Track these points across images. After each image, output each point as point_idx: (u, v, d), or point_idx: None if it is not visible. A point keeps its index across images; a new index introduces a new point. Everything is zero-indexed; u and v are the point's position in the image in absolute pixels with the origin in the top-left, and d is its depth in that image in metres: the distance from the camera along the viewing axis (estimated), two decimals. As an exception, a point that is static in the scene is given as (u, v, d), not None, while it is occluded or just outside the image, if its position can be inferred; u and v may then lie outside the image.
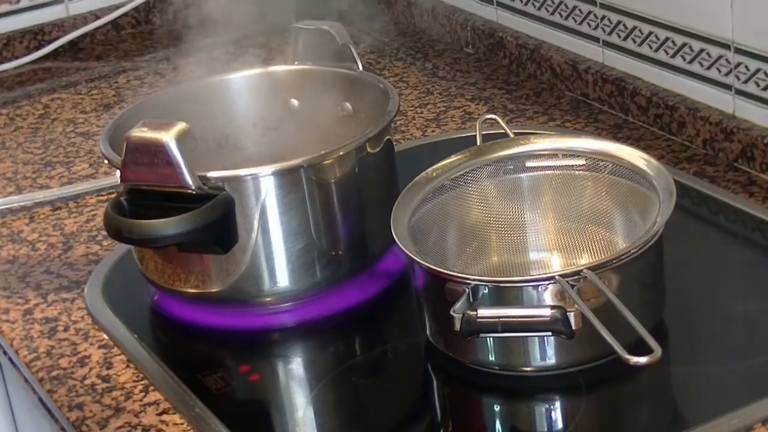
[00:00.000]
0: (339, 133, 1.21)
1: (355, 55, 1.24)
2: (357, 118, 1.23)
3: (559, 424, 1.02)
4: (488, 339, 1.00)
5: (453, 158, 1.14)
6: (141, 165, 1.04)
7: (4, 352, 1.20)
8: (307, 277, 1.12)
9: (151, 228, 1.04)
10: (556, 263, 1.13)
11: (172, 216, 1.03)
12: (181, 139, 1.03)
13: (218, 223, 1.05)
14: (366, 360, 1.11)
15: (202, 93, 1.28)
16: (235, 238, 1.07)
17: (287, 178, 1.09)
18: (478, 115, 1.48)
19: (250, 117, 1.29)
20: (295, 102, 1.28)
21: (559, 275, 0.97)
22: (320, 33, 1.28)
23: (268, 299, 1.13)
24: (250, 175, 1.09)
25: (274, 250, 1.10)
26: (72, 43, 1.89)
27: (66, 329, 1.18)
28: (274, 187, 1.08)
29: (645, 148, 1.29)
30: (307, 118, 1.27)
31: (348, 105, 1.25)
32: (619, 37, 1.45)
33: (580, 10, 1.50)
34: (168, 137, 1.03)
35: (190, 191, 1.05)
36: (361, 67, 1.25)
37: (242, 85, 1.30)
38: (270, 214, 1.09)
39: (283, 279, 1.11)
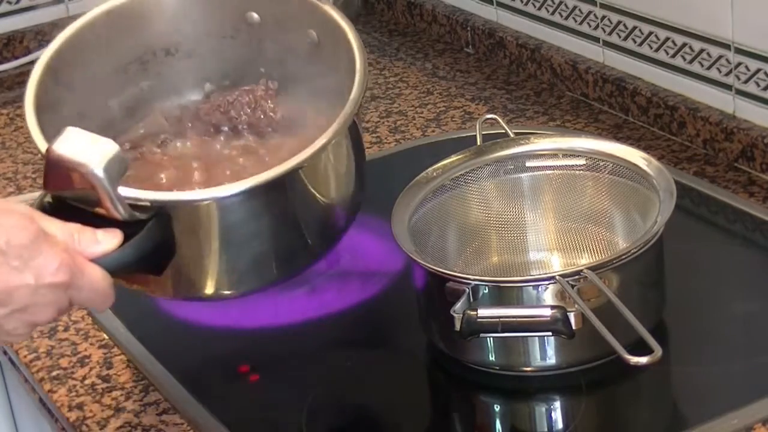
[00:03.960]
0: (300, 66, 1.09)
1: None
2: (323, 54, 1.08)
3: (559, 424, 1.02)
4: (488, 339, 1.00)
5: (453, 158, 1.14)
6: (65, 179, 0.90)
7: (5, 352, 1.20)
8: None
9: None
10: (556, 263, 1.13)
11: (100, 226, 0.90)
12: (109, 167, 0.87)
13: (151, 251, 0.92)
14: (366, 360, 1.11)
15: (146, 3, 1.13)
16: (168, 259, 0.94)
17: (235, 202, 0.95)
18: (479, 115, 1.48)
19: (201, 24, 1.14)
20: (255, 15, 1.12)
21: (560, 275, 0.96)
22: None
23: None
24: (192, 200, 0.95)
25: (229, 256, 0.98)
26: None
27: (66, 329, 1.18)
28: (217, 212, 0.95)
29: (645, 148, 1.29)
30: (268, 36, 1.12)
31: (313, 34, 1.09)
32: (620, 37, 1.45)
33: (580, 10, 1.50)
34: (94, 164, 0.87)
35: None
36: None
37: None
38: (218, 230, 0.96)
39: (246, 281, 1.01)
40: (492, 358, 1.02)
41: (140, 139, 1.11)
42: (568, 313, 0.95)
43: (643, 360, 0.90)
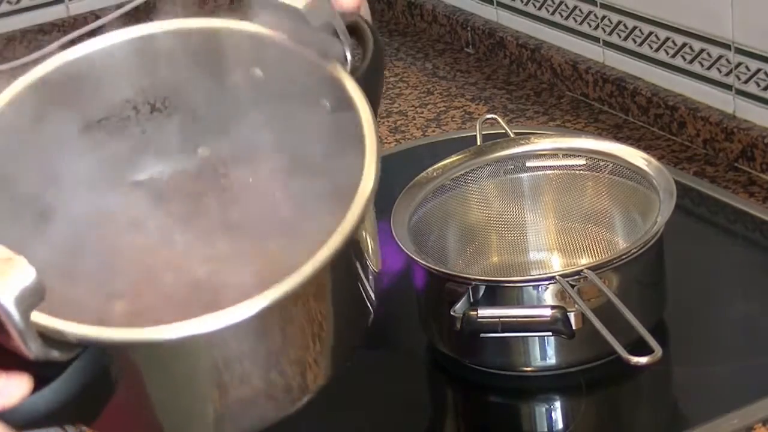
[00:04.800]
0: (308, 140, 0.84)
1: (343, 38, 0.81)
2: (338, 121, 0.84)
3: (559, 424, 1.02)
4: (488, 339, 1.00)
5: (453, 158, 1.14)
6: None
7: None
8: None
9: None
10: (556, 263, 1.13)
11: (9, 365, 0.69)
12: (22, 298, 0.67)
13: (78, 396, 0.70)
14: (366, 360, 1.10)
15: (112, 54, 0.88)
16: (101, 407, 0.72)
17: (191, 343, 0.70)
18: (479, 115, 1.48)
19: (195, 76, 0.87)
20: (258, 71, 0.86)
21: (560, 275, 0.97)
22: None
23: None
24: (136, 341, 0.69)
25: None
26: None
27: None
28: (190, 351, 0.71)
29: (645, 148, 1.29)
30: (273, 98, 0.86)
31: (326, 102, 0.85)
32: (620, 37, 1.45)
33: (580, 10, 1.50)
34: (3, 295, 0.67)
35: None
36: (350, 58, 0.82)
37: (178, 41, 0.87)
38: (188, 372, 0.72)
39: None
40: (492, 358, 1.02)
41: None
42: (568, 313, 0.95)
43: (643, 360, 0.90)
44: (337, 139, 0.80)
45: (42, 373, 0.68)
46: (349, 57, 0.81)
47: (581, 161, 1.13)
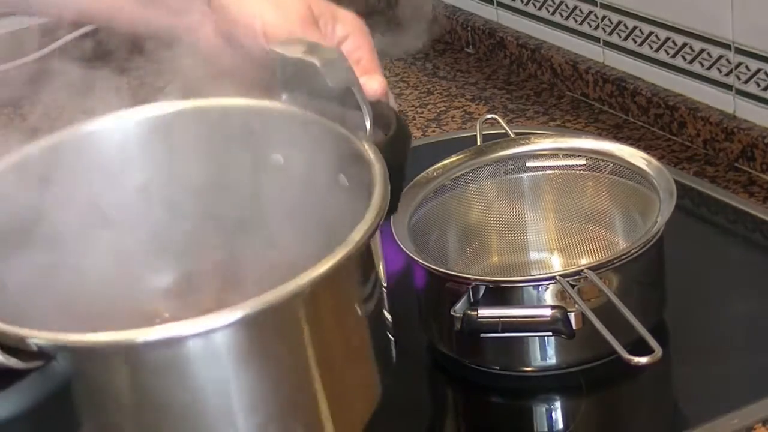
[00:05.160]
0: (329, 215, 0.80)
1: (362, 104, 0.77)
2: (355, 194, 0.79)
3: (560, 424, 1.02)
4: (489, 339, 1.00)
5: (453, 158, 1.14)
6: None
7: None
8: None
9: None
10: (556, 263, 1.13)
11: None
12: None
13: (31, 410, 0.63)
14: (366, 360, 1.10)
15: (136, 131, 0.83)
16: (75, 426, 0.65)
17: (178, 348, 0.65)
18: (479, 115, 1.48)
19: (209, 165, 0.83)
20: (278, 155, 0.82)
21: (560, 275, 0.97)
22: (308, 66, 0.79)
23: None
24: (108, 344, 0.64)
25: None
26: (72, 43, 1.89)
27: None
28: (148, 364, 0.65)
29: (645, 148, 1.28)
30: (293, 179, 0.82)
31: (343, 178, 0.80)
32: (620, 37, 1.45)
33: (580, 10, 1.50)
34: None
35: None
36: (369, 126, 0.78)
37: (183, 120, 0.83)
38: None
39: None
40: (492, 358, 1.02)
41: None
42: (568, 313, 0.95)
43: (643, 360, 0.89)
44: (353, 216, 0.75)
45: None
46: (368, 125, 0.77)
47: (581, 161, 1.13)
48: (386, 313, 0.78)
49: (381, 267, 0.78)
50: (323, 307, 0.69)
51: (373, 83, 0.81)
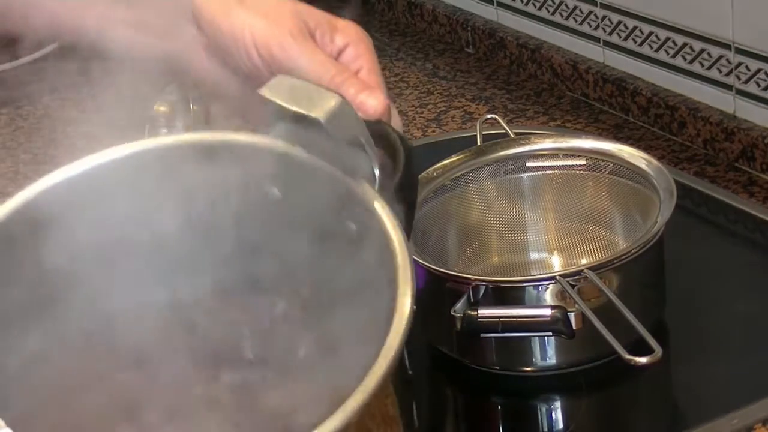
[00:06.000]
0: (335, 261, 0.73)
1: (371, 153, 0.70)
2: (363, 247, 0.72)
3: (560, 424, 1.02)
4: (489, 339, 1.00)
5: (453, 158, 1.14)
6: None
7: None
8: None
9: None
10: (556, 263, 1.13)
11: None
12: None
13: None
14: (366, 360, 1.10)
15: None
16: None
17: None
18: (479, 115, 1.48)
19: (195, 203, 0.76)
20: (275, 190, 0.75)
21: (560, 275, 0.97)
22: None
23: None
24: None
25: None
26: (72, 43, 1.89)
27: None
28: None
29: (645, 148, 1.28)
30: (296, 214, 0.73)
31: (352, 226, 0.73)
32: (620, 37, 1.45)
33: (580, 10, 1.50)
34: None
35: None
36: (378, 174, 0.70)
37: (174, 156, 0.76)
38: None
39: None
40: (492, 358, 1.02)
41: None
42: (568, 313, 0.95)
43: (643, 360, 0.89)
44: (364, 267, 0.69)
45: None
46: (377, 173, 0.70)
47: (581, 161, 1.13)
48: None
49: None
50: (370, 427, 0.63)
51: (371, 101, 0.73)
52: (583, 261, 1.11)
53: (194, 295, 0.74)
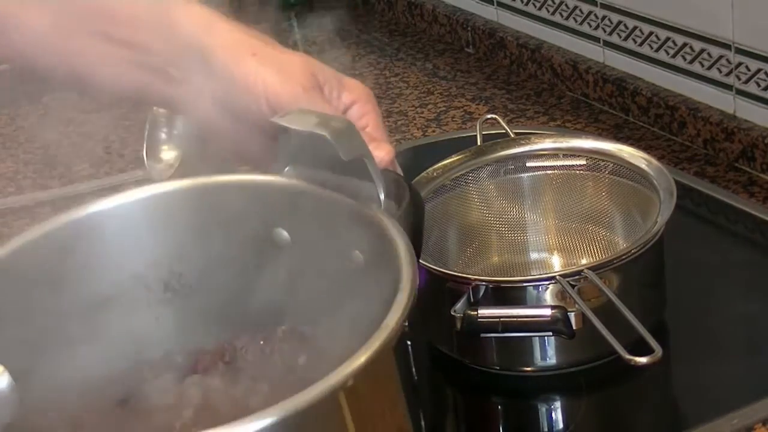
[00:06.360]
0: (335, 297, 0.74)
1: (375, 176, 0.73)
2: (371, 272, 0.74)
3: (560, 424, 1.02)
4: (489, 339, 1.00)
5: (453, 158, 1.14)
6: None
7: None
8: None
9: None
10: (556, 263, 1.13)
11: None
12: None
13: None
14: (366, 360, 1.10)
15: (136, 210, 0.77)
16: None
17: None
18: (479, 115, 1.48)
19: (209, 247, 0.78)
20: (284, 233, 0.77)
21: (560, 275, 0.97)
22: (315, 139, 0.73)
23: None
24: None
25: None
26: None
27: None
28: None
29: (645, 148, 1.28)
30: (301, 259, 0.77)
31: (359, 255, 0.75)
32: (620, 37, 1.45)
33: (580, 10, 1.50)
34: None
35: None
36: (383, 197, 0.73)
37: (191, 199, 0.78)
38: None
39: None
40: (492, 358, 1.02)
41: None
42: (568, 313, 0.95)
43: (643, 360, 0.89)
44: (373, 295, 0.71)
45: None
46: (382, 197, 0.73)
47: (581, 161, 1.13)
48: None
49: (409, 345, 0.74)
50: (364, 401, 0.65)
51: (379, 152, 0.76)
52: (583, 261, 1.11)
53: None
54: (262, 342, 0.76)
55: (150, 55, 0.80)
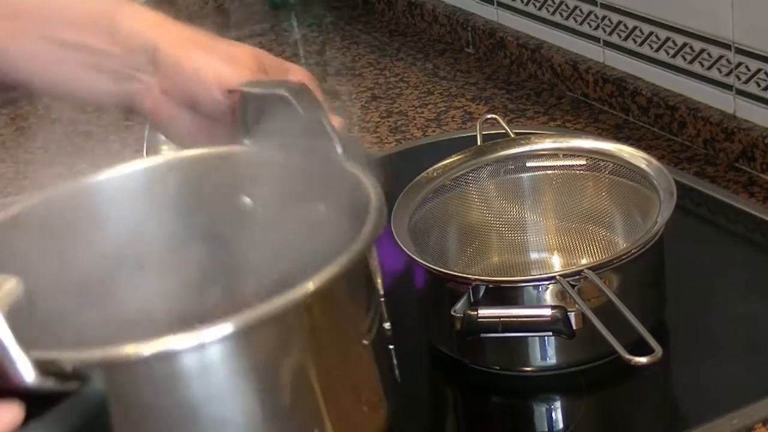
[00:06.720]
0: (310, 248, 0.78)
1: (331, 132, 0.80)
2: (336, 222, 0.80)
3: (560, 424, 1.02)
4: (489, 339, 1.00)
5: (453, 158, 1.14)
6: None
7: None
8: None
9: None
10: (556, 263, 1.13)
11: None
12: (12, 310, 0.62)
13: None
14: (366, 360, 1.10)
15: (100, 190, 0.84)
16: None
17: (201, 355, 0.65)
18: (479, 115, 1.48)
19: (172, 223, 0.84)
20: (246, 200, 0.84)
21: (560, 275, 0.97)
22: (275, 100, 0.82)
23: None
24: (139, 358, 0.65)
25: None
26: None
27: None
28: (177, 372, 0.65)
29: (646, 148, 1.28)
30: (265, 223, 0.84)
31: (322, 206, 0.82)
32: (620, 37, 1.45)
33: (580, 10, 1.50)
34: None
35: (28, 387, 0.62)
36: (340, 150, 0.80)
37: (159, 174, 0.85)
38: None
39: None
40: (492, 358, 1.02)
41: None
42: (568, 313, 0.95)
43: (643, 360, 0.89)
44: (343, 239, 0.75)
45: (32, 409, 0.60)
46: (339, 150, 0.80)
47: (581, 161, 1.13)
48: (386, 326, 0.79)
49: (379, 279, 0.79)
50: (320, 319, 0.69)
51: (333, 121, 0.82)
52: (583, 261, 1.11)
53: None
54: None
55: (101, 57, 0.85)
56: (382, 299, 0.79)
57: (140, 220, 0.83)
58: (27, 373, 0.61)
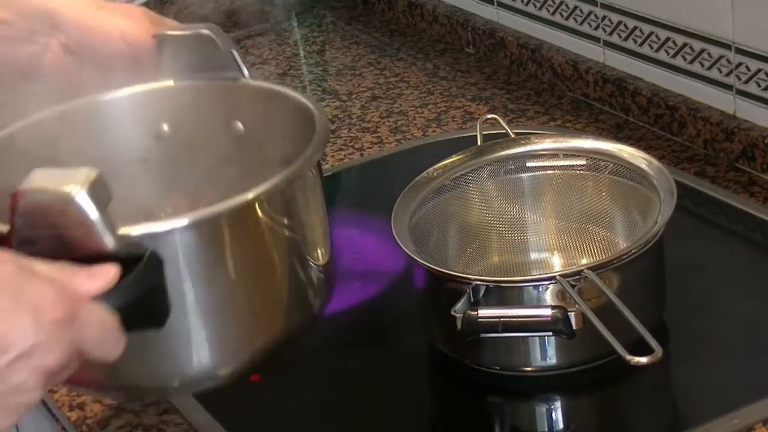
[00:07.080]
0: (234, 160, 0.96)
1: (239, 61, 0.95)
2: (253, 137, 0.96)
3: (560, 424, 1.02)
4: (489, 339, 1.00)
5: (454, 158, 1.14)
6: (39, 229, 0.75)
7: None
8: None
9: None
10: (556, 263, 1.13)
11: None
12: (95, 191, 0.74)
13: (151, 292, 0.77)
14: (367, 360, 1.11)
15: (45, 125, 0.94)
16: (168, 307, 0.79)
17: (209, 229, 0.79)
18: (479, 115, 1.48)
19: (105, 151, 0.96)
20: (165, 127, 0.98)
21: (560, 275, 0.97)
22: (194, 41, 0.97)
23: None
24: (181, 226, 0.78)
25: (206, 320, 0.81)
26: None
27: (67, 329, 1.18)
28: (193, 243, 0.79)
29: (646, 148, 1.28)
30: (185, 146, 0.98)
31: (239, 124, 0.96)
32: (620, 37, 1.45)
33: (580, 10, 1.50)
34: (77, 190, 0.73)
35: (108, 255, 0.75)
36: (247, 74, 0.95)
37: (95, 111, 0.97)
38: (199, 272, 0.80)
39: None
40: (492, 358, 1.02)
41: None
42: (568, 313, 0.95)
43: (643, 360, 0.90)
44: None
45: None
46: (246, 73, 0.96)
47: (581, 161, 1.13)
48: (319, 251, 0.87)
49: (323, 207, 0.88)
50: (247, 224, 0.81)
51: None
52: (583, 261, 1.11)
53: None
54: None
55: (2, 27, 0.94)
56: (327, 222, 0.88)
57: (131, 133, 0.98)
58: (111, 238, 0.74)
